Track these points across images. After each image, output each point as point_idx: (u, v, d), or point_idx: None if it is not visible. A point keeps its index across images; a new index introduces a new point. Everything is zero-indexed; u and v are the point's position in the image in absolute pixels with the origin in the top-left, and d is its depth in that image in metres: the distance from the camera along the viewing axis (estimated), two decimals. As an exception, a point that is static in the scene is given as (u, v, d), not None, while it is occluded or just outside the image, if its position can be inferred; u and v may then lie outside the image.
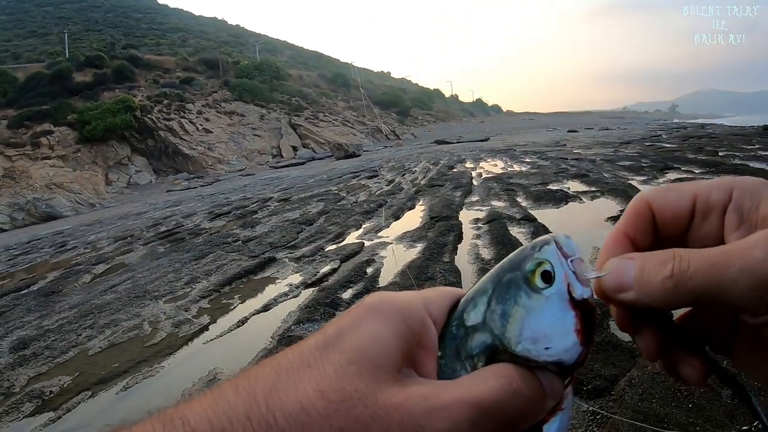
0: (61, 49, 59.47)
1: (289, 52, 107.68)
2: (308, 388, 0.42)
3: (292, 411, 0.41)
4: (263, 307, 5.93)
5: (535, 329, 0.49)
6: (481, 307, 0.53)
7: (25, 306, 7.40)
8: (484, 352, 0.51)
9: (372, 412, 0.42)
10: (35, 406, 4.41)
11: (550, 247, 0.52)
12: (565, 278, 0.51)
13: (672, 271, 0.47)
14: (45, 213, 24.92)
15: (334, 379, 0.43)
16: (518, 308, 0.50)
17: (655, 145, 19.15)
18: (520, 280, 0.51)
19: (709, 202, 0.52)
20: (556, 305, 0.50)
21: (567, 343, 0.49)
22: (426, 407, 0.43)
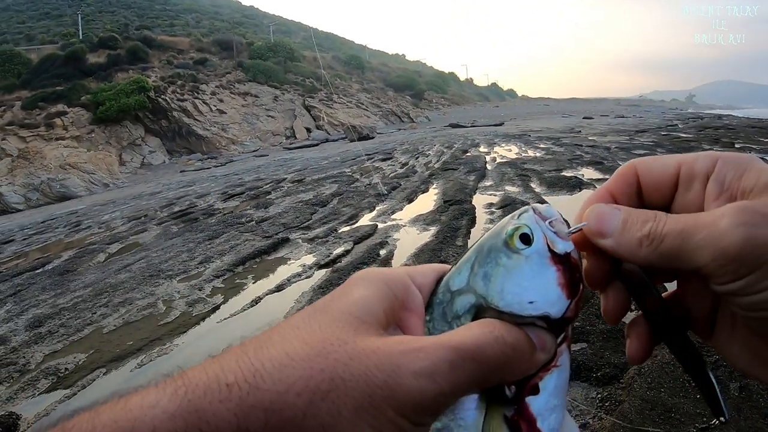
0: (75, 31, 59.47)
1: (303, 33, 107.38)
2: (293, 339, 0.46)
3: (278, 357, 0.44)
4: (276, 288, 5.94)
5: (517, 285, 0.52)
6: (465, 272, 0.55)
7: (40, 285, 7.46)
8: (469, 311, 0.54)
9: (351, 354, 0.44)
10: (50, 383, 4.46)
11: (527, 214, 0.55)
12: (544, 238, 0.53)
13: (649, 231, 0.50)
14: (59, 193, 25.10)
15: (318, 332, 0.46)
16: (499, 268, 0.53)
17: (670, 135, 18.96)
18: (500, 244, 0.54)
19: (692, 171, 0.54)
20: (536, 262, 0.52)
21: (551, 297, 0.51)
22: (403, 349, 0.45)
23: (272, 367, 0.43)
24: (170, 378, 0.44)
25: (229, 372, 0.43)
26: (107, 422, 0.40)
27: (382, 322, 0.50)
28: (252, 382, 0.42)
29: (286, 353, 0.44)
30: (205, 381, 0.42)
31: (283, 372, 0.43)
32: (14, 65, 40.21)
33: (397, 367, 0.44)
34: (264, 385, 0.42)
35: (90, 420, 0.41)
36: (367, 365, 0.44)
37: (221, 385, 0.42)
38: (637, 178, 0.57)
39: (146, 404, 0.41)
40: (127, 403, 0.41)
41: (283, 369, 0.43)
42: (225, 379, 0.42)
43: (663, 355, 3.47)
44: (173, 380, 0.43)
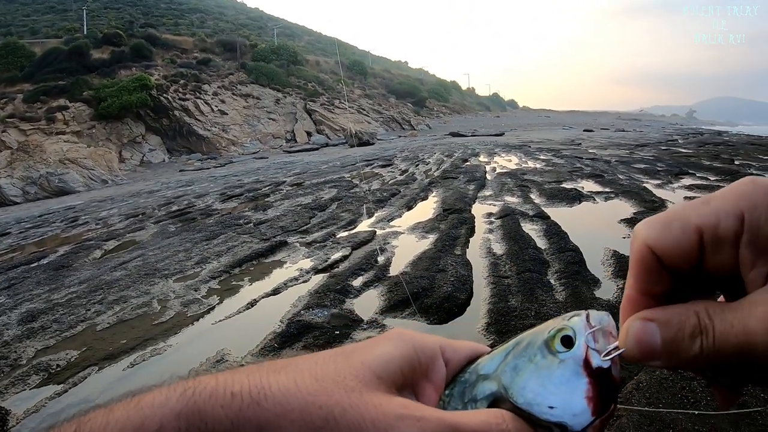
0: (80, 26, 59.54)
1: (307, 37, 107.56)
2: (306, 371, 0.47)
3: (285, 383, 0.45)
4: (273, 291, 5.93)
5: (541, 386, 0.49)
6: (498, 359, 0.54)
7: (35, 279, 7.43)
8: (487, 398, 0.51)
9: (352, 402, 0.44)
10: (41, 379, 4.43)
11: (579, 318, 0.52)
12: (585, 346, 0.50)
13: (701, 349, 0.45)
14: (58, 188, 25.05)
15: (331, 373, 0.47)
16: (530, 364, 0.51)
17: (671, 150, 19.03)
18: (541, 341, 0.52)
19: (718, 236, 0.46)
20: (569, 369, 0.49)
21: (574, 407, 0.48)
22: (403, 413, 0.45)
23: (277, 390, 0.44)
24: (183, 380, 0.46)
25: (237, 383, 0.44)
26: (120, 418, 0.42)
27: (397, 382, 0.49)
28: (255, 397, 0.43)
29: (294, 381, 0.45)
30: (213, 386, 0.44)
31: (285, 397, 0.44)
32: (17, 58, 40.11)
33: (390, 427, 0.44)
34: (264, 403, 0.43)
35: (105, 415, 0.43)
36: (363, 416, 0.44)
37: (226, 392, 0.43)
38: (655, 258, 0.49)
39: (157, 403, 0.43)
40: (140, 402, 0.43)
41: (286, 394, 0.44)
42: (231, 387, 0.44)
43: (662, 371, 3.46)
44: (185, 382, 0.45)
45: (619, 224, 7.74)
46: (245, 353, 4.49)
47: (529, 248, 6.60)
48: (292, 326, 4.85)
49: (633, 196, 9.58)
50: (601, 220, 8.34)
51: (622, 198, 9.62)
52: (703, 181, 10.97)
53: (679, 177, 11.77)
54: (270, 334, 4.79)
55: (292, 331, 4.75)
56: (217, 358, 4.44)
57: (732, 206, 0.45)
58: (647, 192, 9.91)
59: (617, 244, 6.67)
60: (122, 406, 0.43)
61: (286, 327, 4.87)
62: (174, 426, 0.41)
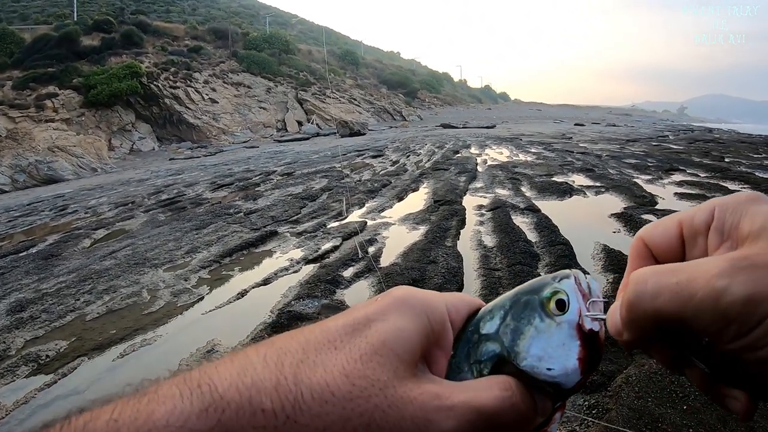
0: (70, 12, 59.01)
1: (299, 26, 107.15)
2: (335, 369, 0.45)
3: (319, 389, 0.43)
4: (263, 281, 5.92)
5: (542, 349, 0.53)
6: (497, 320, 0.57)
7: (23, 268, 7.39)
8: (491, 359, 0.55)
9: (390, 402, 0.45)
10: (31, 370, 4.41)
11: (569, 281, 0.56)
12: (578, 310, 0.54)
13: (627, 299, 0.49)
14: (47, 176, 24.90)
15: (359, 365, 0.46)
16: (530, 328, 0.54)
17: (661, 146, 19.12)
18: (536, 303, 0.56)
19: (693, 226, 0.54)
20: (565, 332, 0.53)
21: (568, 368, 0.52)
22: (437, 405, 0.46)
23: (312, 400, 0.43)
24: (194, 382, 0.43)
25: (265, 395, 0.42)
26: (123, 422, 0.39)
27: (416, 360, 0.50)
28: (290, 414, 0.42)
29: (327, 385, 0.44)
30: (238, 402, 0.41)
31: (323, 408, 0.43)
32: (6, 44, 39.69)
33: (429, 422, 0.45)
34: (302, 419, 0.42)
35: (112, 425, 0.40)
36: (403, 416, 0.44)
37: (256, 410, 0.41)
38: (648, 250, 0.57)
39: (173, 422, 0.40)
40: (150, 416, 0.40)
41: (323, 405, 0.43)
42: (260, 403, 0.42)
43: (650, 365, 3.50)
44: (200, 392, 0.42)
45: (609, 218, 7.77)
46: (235, 343, 4.49)
47: (520, 241, 6.62)
48: (283, 317, 4.85)
49: (623, 190, 9.62)
50: (592, 214, 8.37)
51: (613, 192, 9.66)
52: (693, 178, 11.01)
53: (669, 173, 11.82)
54: (260, 324, 4.80)
55: (283, 322, 4.75)
56: (207, 348, 4.43)
57: (707, 205, 0.53)
58: (637, 187, 9.96)
59: (607, 238, 6.71)
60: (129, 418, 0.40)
61: (277, 317, 4.87)
62: None
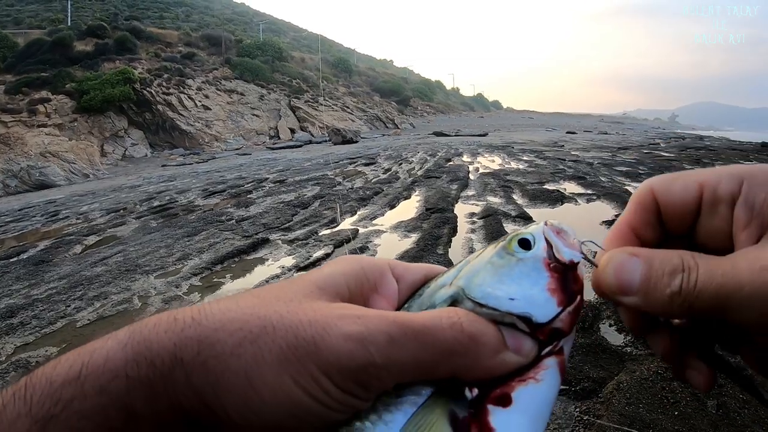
0: (64, 17, 58.97)
1: (292, 33, 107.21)
2: (248, 294, 0.49)
3: (226, 303, 0.47)
4: (255, 288, 5.90)
5: (499, 280, 0.49)
6: (454, 271, 0.54)
7: (14, 274, 7.35)
8: (445, 302, 0.51)
9: (290, 308, 0.46)
10: (20, 376, 4.38)
11: (537, 225, 0.54)
12: (545, 248, 0.51)
13: (680, 287, 0.46)
14: (38, 181, 24.83)
15: (271, 291, 0.49)
16: (487, 265, 0.51)
17: (652, 153, 19.14)
18: (499, 246, 0.53)
19: (716, 194, 0.50)
20: (528, 265, 0.50)
21: (536, 298, 0.48)
22: (341, 313, 0.46)
23: (218, 310, 0.46)
24: None
25: (181, 311, 0.47)
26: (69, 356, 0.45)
27: (342, 295, 0.51)
28: (196, 318, 0.45)
29: (236, 301, 0.47)
30: (158, 317, 0.47)
31: (225, 315, 0.45)
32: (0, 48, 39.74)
33: (328, 326, 0.44)
34: (204, 321, 0.45)
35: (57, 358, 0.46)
36: (300, 320, 0.45)
37: (169, 318, 0.46)
38: (656, 204, 0.54)
39: (104, 338, 0.46)
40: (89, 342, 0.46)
41: (226, 312, 0.46)
42: (174, 314, 0.46)
43: (642, 371, 3.50)
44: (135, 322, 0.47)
45: (600, 225, 7.78)
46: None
47: (511, 249, 6.63)
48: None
49: (615, 198, 9.64)
50: (583, 222, 8.38)
51: (604, 200, 9.69)
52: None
53: (660, 180, 11.85)
54: (251, 332, 4.79)
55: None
56: (197, 356, 4.43)
57: (734, 172, 0.49)
58: (629, 194, 9.90)
59: (598, 246, 6.72)
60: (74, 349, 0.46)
61: (268, 325, 4.86)
62: (121, 356, 0.43)
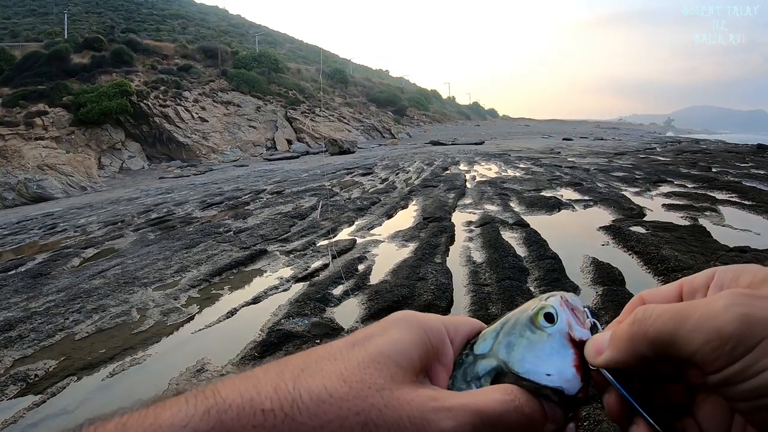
0: (60, 30, 59.14)
1: (288, 45, 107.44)
2: (332, 374, 0.47)
3: (316, 391, 0.46)
4: (253, 300, 5.90)
5: (537, 357, 0.56)
6: (490, 340, 0.60)
7: (12, 287, 7.35)
8: (489, 374, 0.57)
9: (386, 402, 0.46)
10: (19, 389, 4.38)
11: (554, 298, 0.61)
12: (567, 321, 0.58)
13: (635, 328, 0.51)
14: (36, 194, 24.83)
15: (357, 370, 0.48)
16: (523, 339, 0.58)
17: (649, 158, 19.17)
18: (526, 319, 0.59)
19: (693, 285, 0.56)
20: (557, 341, 0.57)
21: (567, 374, 0.55)
22: (434, 406, 0.47)
23: (309, 400, 0.45)
24: (199, 391, 0.45)
25: (266, 397, 0.44)
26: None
27: (416, 369, 0.52)
28: (288, 413, 0.43)
29: (324, 388, 0.46)
30: (239, 403, 0.43)
31: (321, 408, 0.44)
32: (-3, 61, 39.83)
33: (426, 422, 0.46)
34: (300, 417, 0.43)
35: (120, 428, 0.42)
36: (400, 415, 0.46)
37: (256, 410, 0.43)
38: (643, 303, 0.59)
39: (177, 422, 0.42)
40: (156, 419, 0.42)
41: (320, 404, 0.45)
42: (261, 404, 0.44)
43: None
44: (204, 396, 0.44)
45: (597, 231, 7.78)
46: (225, 362, 4.47)
47: (509, 256, 6.63)
48: (273, 335, 4.84)
49: (612, 203, 9.65)
50: (581, 228, 8.39)
51: (601, 206, 9.69)
52: (681, 189, 11.06)
53: (657, 184, 11.87)
54: (250, 343, 4.78)
55: (273, 340, 4.74)
56: (197, 368, 4.42)
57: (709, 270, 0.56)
58: (626, 200, 9.99)
59: (596, 252, 6.73)
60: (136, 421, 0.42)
61: (267, 336, 4.85)
62: None
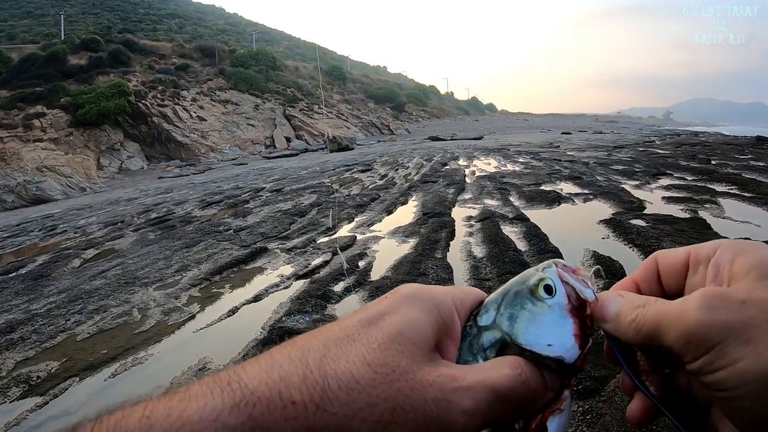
0: (57, 31, 59.11)
1: (286, 42, 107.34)
2: (356, 359, 0.49)
3: (345, 379, 0.46)
4: (254, 298, 5.90)
5: (538, 328, 0.58)
6: (492, 312, 0.62)
7: (13, 289, 7.35)
8: (494, 345, 0.59)
9: (411, 385, 0.48)
10: (22, 391, 4.38)
11: (551, 269, 0.63)
12: (565, 292, 0.61)
13: (636, 316, 0.57)
14: (35, 196, 24.85)
15: (379, 353, 0.50)
16: (524, 312, 0.60)
17: (648, 151, 19.18)
18: (526, 291, 0.61)
19: (698, 256, 0.61)
20: (557, 312, 0.59)
21: (567, 344, 0.58)
22: (455, 386, 0.50)
23: (339, 389, 0.45)
24: (223, 379, 0.45)
25: (294, 389, 0.45)
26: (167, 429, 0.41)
27: (431, 347, 0.54)
28: (320, 404, 0.44)
29: (352, 375, 0.47)
30: (268, 396, 0.44)
31: (351, 396, 0.45)
32: (-6, 64, 39.80)
33: (449, 403, 0.49)
34: (331, 408, 0.44)
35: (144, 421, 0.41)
36: (425, 398, 0.48)
37: (286, 403, 0.44)
38: (656, 266, 0.65)
39: (206, 416, 0.41)
40: (183, 413, 0.42)
41: (350, 393, 0.46)
42: (290, 396, 0.44)
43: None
44: (230, 389, 0.44)
45: (598, 225, 7.78)
46: (227, 361, 4.47)
47: (510, 250, 6.62)
48: (274, 333, 4.83)
49: (611, 197, 9.65)
50: (581, 221, 8.39)
51: (601, 199, 9.69)
52: (681, 181, 11.05)
53: (656, 177, 11.85)
54: (252, 341, 4.77)
55: (274, 338, 4.73)
56: (199, 367, 4.41)
57: (715, 242, 0.60)
58: (625, 193, 9.99)
59: (596, 245, 6.72)
60: (161, 415, 0.41)
61: (268, 334, 4.85)
62: None
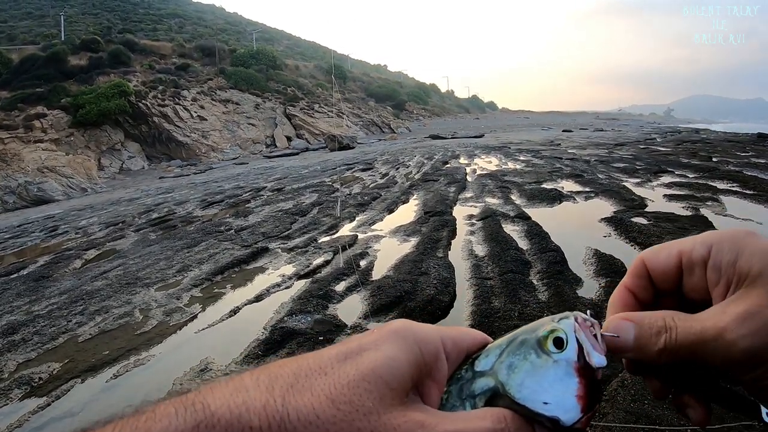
0: (57, 32, 59.06)
1: (286, 41, 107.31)
2: (321, 393, 0.46)
3: (304, 411, 0.44)
4: (255, 298, 5.90)
5: (537, 382, 0.53)
6: (493, 357, 0.57)
7: (14, 290, 7.34)
8: (485, 394, 0.55)
9: (373, 427, 0.46)
10: (24, 393, 4.38)
11: (568, 321, 0.57)
12: (576, 348, 0.55)
13: (665, 344, 0.55)
14: (36, 197, 24.84)
15: (345, 390, 0.47)
16: (525, 363, 0.55)
17: (649, 148, 19.16)
18: (534, 341, 0.56)
19: (691, 259, 0.59)
20: (562, 369, 0.54)
21: (566, 404, 0.52)
22: None
23: (297, 421, 0.44)
24: (189, 400, 0.45)
25: (254, 414, 0.44)
26: None
27: (407, 389, 0.51)
28: None
29: (313, 408, 0.45)
30: (228, 419, 0.43)
31: (307, 429, 0.44)
32: (-6, 65, 39.81)
33: None
34: None
35: None
36: None
37: (244, 427, 0.43)
38: (646, 270, 0.64)
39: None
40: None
41: (307, 426, 0.44)
42: (249, 421, 0.43)
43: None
44: (194, 409, 0.44)
45: (599, 223, 7.78)
46: (229, 361, 4.47)
47: (511, 249, 6.62)
48: (276, 333, 4.83)
49: (613, 195, 9.64)
50: (582, 220, 8.38)
51: (602, 197, 9.68)
52: (682, 179, 11.05)
53: (658, 175, 11.86)
54: (254, 341, 4.77)
55: (276, 338, 4.74)
56: (200, 367, 4.41)
57: (705, 240, 0.59)
58: (627, 191, 9.99)
59: (598, 243, 6.72)
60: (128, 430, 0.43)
61: (270, 334, 4.85)
62: None
